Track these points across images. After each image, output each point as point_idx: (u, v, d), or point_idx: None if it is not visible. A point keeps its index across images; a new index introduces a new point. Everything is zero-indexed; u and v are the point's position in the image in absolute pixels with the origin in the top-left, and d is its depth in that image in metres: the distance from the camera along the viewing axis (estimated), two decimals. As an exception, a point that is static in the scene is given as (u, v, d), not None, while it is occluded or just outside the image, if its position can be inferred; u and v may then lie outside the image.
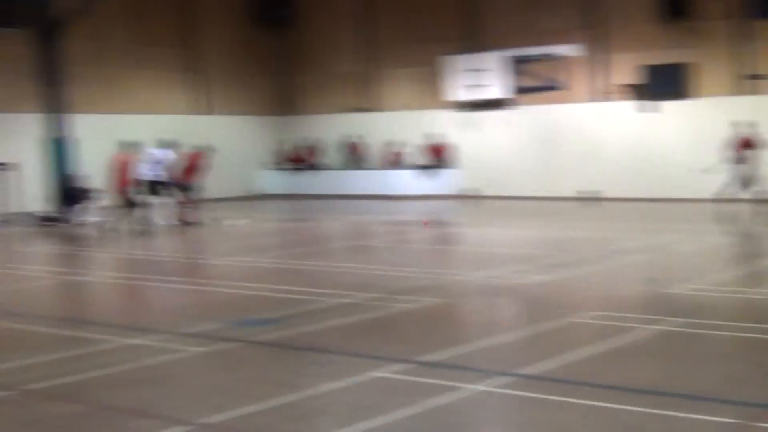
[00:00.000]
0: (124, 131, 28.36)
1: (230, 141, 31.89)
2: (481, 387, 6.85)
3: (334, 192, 30.57)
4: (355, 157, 31.47)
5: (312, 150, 32.10)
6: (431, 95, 29.82)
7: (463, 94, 27.96)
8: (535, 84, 26.68)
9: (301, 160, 32.26)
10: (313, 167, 31.85)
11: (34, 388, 7.10)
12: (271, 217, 25.31)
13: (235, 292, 11.68)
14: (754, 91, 24.40)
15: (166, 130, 29.27)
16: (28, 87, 26.47)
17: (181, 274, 14.50)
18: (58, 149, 25.95)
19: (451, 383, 6.93)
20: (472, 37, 29.00)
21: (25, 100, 26.65)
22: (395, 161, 30.58)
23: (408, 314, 9.92)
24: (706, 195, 23.12)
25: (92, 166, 24.84)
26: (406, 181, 29.64)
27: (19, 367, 7.83)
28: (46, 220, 22.43)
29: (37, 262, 16.59)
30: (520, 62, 26.57)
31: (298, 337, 8.73)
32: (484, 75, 27.35)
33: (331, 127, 32.24)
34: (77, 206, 22.72)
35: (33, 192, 25.44)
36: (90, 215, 21.83)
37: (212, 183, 30.84)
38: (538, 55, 26.26)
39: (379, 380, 7.12)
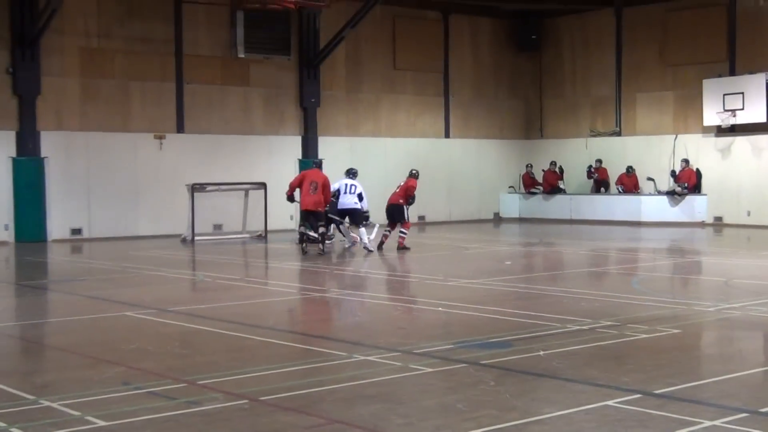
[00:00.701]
0: (369, 153, 29.39)
1: (474, 164, 32.22)
2: (713, 423, 6.53)
3: (575, 217, 30.21)
4: (598, 182, 30.92)
5: (556, 174, 31.80)
6: (685, 119, 29.01)
7: (719, 118, 27.19)
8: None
9: (543, 184, 32.03)
10: (555, 191, 31.55)
11: (266, 399, 7.37)
12: (507, 240, 25.27)
13: (465, 313, 11.71)
14: None
15: (414, 153, 30.06)
16: (290, 111, 28.06)
17: (411, 293, 14.71)
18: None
19: (683, 417, 6.66)
20: (732, 59, 27.93)
21: (288, 123, 28.19)
22: (638, 187, 29.85)
23: (642, 344, 9.62)
24: None
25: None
26: (650, 208, 28.83)
27: (252, 378, 8.16)
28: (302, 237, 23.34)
29: (282, 278, 17.31)
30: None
31: (525, 362, 8.65)
32: (742, 98, 26.54)
33: (576, 152, 31.86)
34: (322, 225, 23.50)
35: (288, 210, 26.73)
36: (333, 234, 22.55)
37: (453, 206, 31.41)
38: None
39: (607, 409, 6.93)
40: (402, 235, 20.84)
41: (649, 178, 29.70)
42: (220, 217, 26.15)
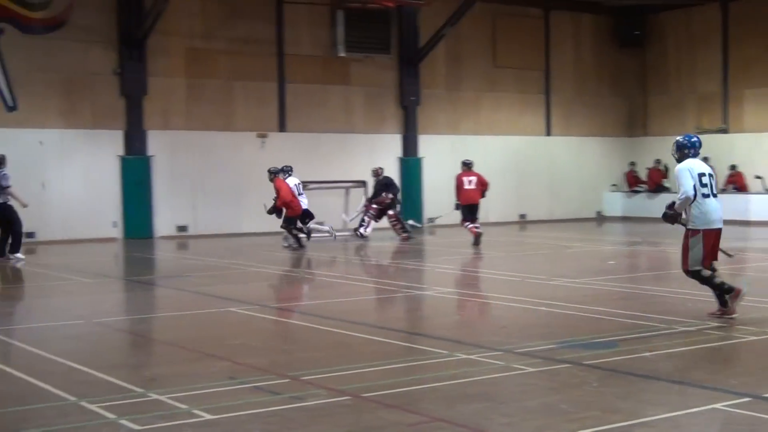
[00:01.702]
0: (469, 152, 29.24)
1: (576, 162, 31.87)
2: (828, 428, 6.34)
3: (679, 216, 29.58)
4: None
5: (660, 172, 31.21)
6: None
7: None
8: None
9: (648, 182, 31.48)
10: (660, 190, 30.98)
11: (369, 395, 7.41)
12: (610, 239, 24.92)
13: (567, 313, 11.57)
14: None
15: (515, 151, 29.89)
16: (391, 109, 28.19)
17: (513, 292, 14.59)
18: (408, 168, 27.31)
19: (795, 422, 6.48)
20: None
21: (388, 122, 28.33)
22: (744, 185, 29.13)
23: (751, 346, 9.38)
24: None
25: (437, 184, 25.98)
26: (759, 207, 28.08)
27: (355, 375, 8.20)
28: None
29: (382, 276, 17.38)
30: None
31: (630, 363, 8.50)
32: None
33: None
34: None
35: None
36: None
37: (554, 205, 31.12)
38: None
39: (715, 413, 6.78)
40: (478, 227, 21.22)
41: (758, 176, 28.95)
42: (321, 215, 26.31)
